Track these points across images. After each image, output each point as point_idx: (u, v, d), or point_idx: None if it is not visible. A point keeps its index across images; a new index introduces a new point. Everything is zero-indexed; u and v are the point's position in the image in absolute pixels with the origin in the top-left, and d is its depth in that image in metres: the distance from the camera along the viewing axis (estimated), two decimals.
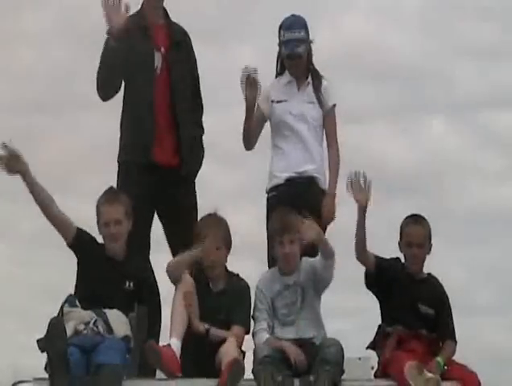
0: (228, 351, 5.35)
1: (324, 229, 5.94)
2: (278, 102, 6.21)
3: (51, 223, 5.66)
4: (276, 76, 6.36)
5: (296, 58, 6.20)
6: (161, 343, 5.51)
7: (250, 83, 5.94)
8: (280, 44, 6.25)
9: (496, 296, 11.82)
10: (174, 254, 5.79)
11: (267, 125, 6.32)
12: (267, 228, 6.04)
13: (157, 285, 5.78)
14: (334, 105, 6.23)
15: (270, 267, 6.00)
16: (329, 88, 6.25)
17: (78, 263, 5.67)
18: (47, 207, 5.62)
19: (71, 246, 5.66)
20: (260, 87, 5.98)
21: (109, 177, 5.89)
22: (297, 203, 5.79)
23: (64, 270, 5.88)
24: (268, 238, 6.04)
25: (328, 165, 6.21)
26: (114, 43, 5.77)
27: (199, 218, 5.93)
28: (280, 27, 6.25)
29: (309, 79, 6.27)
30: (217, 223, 5.69)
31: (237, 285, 5.68)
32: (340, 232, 5.81)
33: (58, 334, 5.16)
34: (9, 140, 5.54)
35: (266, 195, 6.25)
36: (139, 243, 5.73)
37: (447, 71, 13.16)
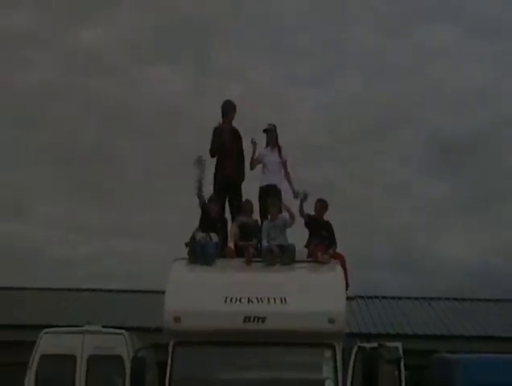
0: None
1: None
2: (264, 156, 12.71)
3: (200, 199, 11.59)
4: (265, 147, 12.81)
5: (267, 130, 12.68)
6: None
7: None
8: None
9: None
10: (233, 217, 12.23)
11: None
12: (259, 202, 12.36)
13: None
14: (286, 160, 12.77)
15: (261, 219, 11.84)
16: (284, 152, 12.71)
17: (201, 215, 11.68)
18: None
19: (201, 208, 11.66)
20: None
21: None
22: (270, 194, 12.13)
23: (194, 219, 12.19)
24: (260, 207, 12.26)
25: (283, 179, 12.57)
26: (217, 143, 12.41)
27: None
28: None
29: (276, 148, 12.72)
30: (248, 203, 12.20)
31: (255, 222, 12.08)
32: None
33: (193, 240, 11.01)
34: (201, 157, 11.39)
35: (259, 190, 12.65)
36: (221, 210, 12.22)
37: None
